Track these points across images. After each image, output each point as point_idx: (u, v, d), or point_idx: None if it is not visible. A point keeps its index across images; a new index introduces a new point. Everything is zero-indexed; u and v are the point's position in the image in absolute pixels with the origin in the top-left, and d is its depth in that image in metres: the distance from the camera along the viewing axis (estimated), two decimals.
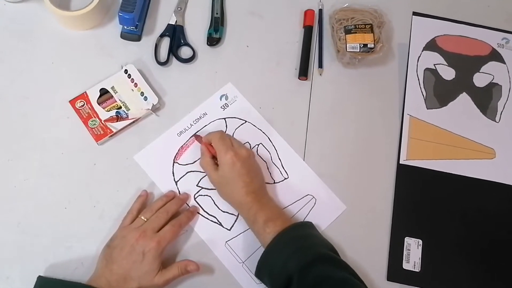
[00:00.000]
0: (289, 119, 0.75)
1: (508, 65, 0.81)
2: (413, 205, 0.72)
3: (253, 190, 0.64)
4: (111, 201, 0.68)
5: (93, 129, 0.70)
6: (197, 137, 0.71)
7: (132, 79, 0.72)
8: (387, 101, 0.77)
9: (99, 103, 0.71)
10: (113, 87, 0.72)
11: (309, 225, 0.66)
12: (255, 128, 0.74)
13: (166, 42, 0.77)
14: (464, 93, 0.79)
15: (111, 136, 0.70)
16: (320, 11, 0.81)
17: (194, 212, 0.68)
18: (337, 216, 0.70)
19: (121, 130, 0.71)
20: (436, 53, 0.80)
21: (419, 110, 0.77)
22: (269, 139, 0.73)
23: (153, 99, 0.71)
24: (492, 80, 0.80)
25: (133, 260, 0.59)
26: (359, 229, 0.70)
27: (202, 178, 0.70)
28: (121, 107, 0.71)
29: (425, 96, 0.78)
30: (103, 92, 0.72)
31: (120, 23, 0.75)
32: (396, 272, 0.68)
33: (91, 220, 0.67)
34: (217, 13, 0.78)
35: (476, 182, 0.74)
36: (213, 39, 0.77)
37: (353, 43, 0.75)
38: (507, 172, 0.75)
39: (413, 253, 0.69)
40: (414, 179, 0.73)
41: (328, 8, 0.81)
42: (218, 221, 0.69)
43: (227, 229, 0.68)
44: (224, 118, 0.74)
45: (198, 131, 0.72)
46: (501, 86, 0.80)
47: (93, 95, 0.71)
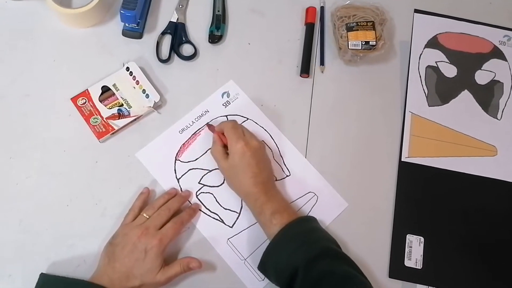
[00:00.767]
0: (291, 116, 0.75)
1: (509, 62, 0.81)
2: (414, 202, 0.72)
3: (261, 181, 0.64)
4: (113, 198, 0.68)
5: (95, 127, 0.70)
6: (210, 126, 0.71)
7: (134, 76, 0.72)
8: (389, 98, 0.77)
9: (100, 101, 0.71)
10: (114, 85, 0.72)
11: (314, 220, 0.66)
12: (257, 125, 0.73)
13: (167, 40, 0.77)
14: (465, 90, 0.79)
15: (113, 133, 0.70)
16: (322, 8, 0.81)
17: (196, 210, 0.68)
18: (339, 213, 0.70)
19: (123, 127, 0.71)
20: (437, 51, 0.80)
21: (421, 107, 0.77)
22: (270, 136, 0.73)
23: (154, 96, 0.71)
24: (494, 77, 0.80)
25: (135, 257, 0.59)
26: (361, 226, 0.70)
27: (204, 175, 0.70)
28: (122, 105, 0.71)
29: (426, 93, 0.78)
30: (105, 89, 0.72)
31: (122, 21, 0.75)
32: (398, 269, 0.68)
33: (93, 218, 0.67)
34: (218, 11, 0.78)
35: (478, 179, 0.74)
36: (215, 37, 0.77)
37: (355, 40, 0.75)
38: (509, 170, 0.75)
39: (414, 250, 0.69)
40: (415, 177, 0.73)
41: (330, 5, 0.81)
42: (220, 218, 0.69)
43: (229, 226, 0.68)
44: (226, 116, 0.74)
45: (200, 128, 0.72)
46: (502, 83, 0.80)
47: (95, 93, 0.71)
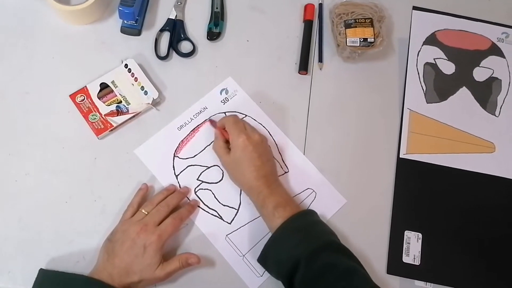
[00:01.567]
0: (289, 113, 0.75)
1: (508, 59, 0.81)
2: (413, 198, 0.72)
3: (264, 175, 0.64)
4: (112, 195, 0.68)
5: (94, 124, 0.70)
6: (212, 122, 0.72)
7: (133, 73, 0.73)
8: (387, 95, 0.78)
9: (99, 98, 0.71)
10: (113, 82, 0.72)
11: (315, 214, 0.66)
12: (255, 122, 0.74)
13: (166, 37, 0.77)
14: (464, 87, 0.79)
15: (111, 130, 0.70)
16: (320, 5, 0.81)
17: (194, 206, 0.68)
18: (337, 210, 0.70)
19: (121, 124, 0.71)
20: (436, 48, 0.81)
21: (419, 104, 0.77)
22: (269, 133, 0.73)
23: (153, 93, 0.72)
24: (492, 74, 0.80)
25: (134, 253, 0.60)
26: (359, 222, 0.70)
27: (203, 172, 0.70)
28: (121, 102, 0.71)
29: (425, 90, 0.78)
30: (103, 86, 0.72)
31: (120, 18, 0.75)
32: (396, 266, 0.68)
33: (92, 214, 0.68)
34: (217, 8, 0.78)
35: (476, 176, 0.74)
36: (213, 34, 0.77)
37: (353, 37, 0.75)
38: (507, 166, 0.75)
39: (413, 246, 0.69)
40: (414, 173, 0.73)
41: (328, 2, 0.81)
42: (219, 214, 0.69)
43: (227, 222, 0.68)
44: (225, 112, 0.74)
45: (199, 125, 0.73)
46: (500, 80, 0.80)
47: (94, 90, 0.71)
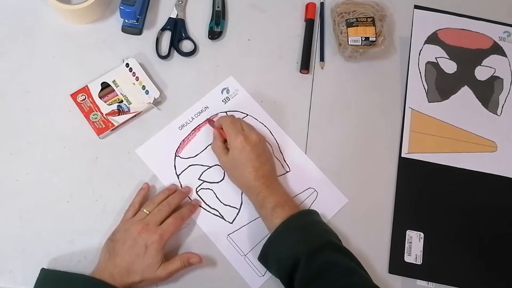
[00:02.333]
0: (291, 112, 0.75)
1: (509, 58, 0.81)
2: (414, 198, 0.72)
3: (263, 175, 0.64)
4: (113, 194, 0.68)
5: (95, 123, 0.70)
6: (210, 121, 0.71)
7: (134, 72, 0.72)
8: (389, 94, 0.77)
9: (100, 97, 0.71)
10: (114, 81, 0.72)
11: (316, 213, 0.66)
12: (257, 121, 0.73)
13: (167, 36, 0.77)
14: (465, 86, 0.79)
15: (112, 130, 0.70)
16: (322, 4, 0.81)
17: (196, 205, 0.68)
18: (339, 209, 0.70)
19: (122, 124, 0.71)
20: (437, 47, 0.80)
21: (421, 103, 0.77)
22: (270, 132, 0.73)
23: (154, 92, 0.71)
24: (494, 73, 0.80)
25: (136, 253, 0.60)
26: (361, 222, 0.70)
27: (204, 171, 0.70)
28: (122, 101, 0.71)
29: (426, 89, 0.78)
30: (105, 86, 0.72)
31: (121, 17, 0.74)
32: (398, 265, 0.68)
33: (94, 214, 0.67)
34: (218, 7, 0.78)
35: (478, 175, 0.74)
36: (215, 33, 0.77)
37: (354, 36, 0.74)
38: (509, 165, 0.75)
39: (414, 246, 0.69)
40: (415, 172, 0.73)
41: (330, 1, 0.81)
42: (220, 214, 0.69)
43: (229, 222, 0.68)
44: (226, 112, 0.74)
45: (200, 124, 0.72)
46: (502, 79, 0.80)
47: (95, 89, 0.71)
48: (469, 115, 0.77)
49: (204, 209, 0.69)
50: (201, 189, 0.70)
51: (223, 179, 0.70)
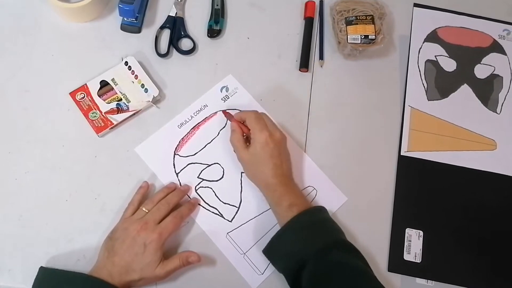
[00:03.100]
0: (290, 111, 0.75)
1: (509, 56, 0.81)
2: (414, 196, 0.72)
3: (281, 173, 0.64)
4: (112, 193, 0.68)
5: (94, 121, 0.70)
6: (226, 113, 0.71)
7: (133, 71, 0.72)
8: (388, 92, 0.77)
9: (99, 95, 0.71)
10: (113, 79, 0.72)
11: (325, 210, 0.66)
12: None
13: (166, 34, 0.77)
14: (465, 84, 0.78)
15: (111, 128, 0.70)
16: (321, 2, 0.81)
17: (195, 204, 0.68)
18: (338, 207, 0.70)
19: (121, 122, 0.70)
20: (437, 45, 0.80)
21: (420, 101, 0.77)
22: None
23: (153, 91, 0.71)
24: (493, 71, 0.80)
25: (134, 252, 0.59)
26: (360, 220, 0.70)
27: (203, 170, 0.70)
28: (121, 99, 0.71)
29: (426, 87, 0.78)
30: (104, 84, 0.72)
31: (120, 15, 0.74)
32: (397, 263, 0.68)
33: (93, 212, 0.67)
34: (217, 5, 0.78)
35: (477, 173, 0.74)
36: (214, 31, 0.77)
37: (354, 34, 0.74)
38: (508, 163, 0.75)
39: (414, 244, 0.69)
40: (415, 171, 0.73)
41: None
42: (219, 212, 0.69)
43: (228, 220, 0.68)
44: (228, 110, 0.73)
45: (199, 123, 0.72)
46: (502, 77, 0.79)
47: (94, 87, 0.71)
48: (469, 113, 0.77)
49: (203, 207, 0.69)
50: (200, 187, 0.70)
51: (222, 177, 0.70)
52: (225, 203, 0.69)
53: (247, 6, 0.80)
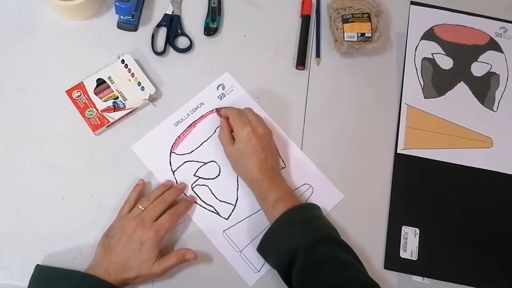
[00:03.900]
0: (287, 108, 0.75)
1: (506, 54, 0.81)
2: (410, 194, 0.72)
3: (267, 168, 0.64)
4: (109, 191, 0.68)
5: (90, 119, 0.70)
6: (218, 111, 0.72)
7: (129, 69, 0.72)
8: (385, 90, 0.77)
9: (96, 93, 0.71)
10: (110, 77, 0.72)
11: (317, 208, 0.66)
12: None
13: (163, 32, 0.77)
14: (462, 82, 0.78)
15: (108, 126, 0.70)
16: (318, 0, 0.81)
17: (191, 202, 0.68)
18: (334, 205, 0.70)
19: (118, 120, 0.70)
20: (434, 43, 0.80)
21: (417, 99, 0.77)
22: None
23: (150, 89, 0.71)
24: (490, 69, 0.80)
25: (131, 249, 0.60)
26: (357, 217, 0.70)
27: (200, 168, 0.70)
28: (118, 97, 0.71)
29: (422, 85, 0.78)
30: (100, 82, 0.72)
31: (117, 13, 0.74)
32: (393, 261, 0.68)
33: (89, 210, 0.67)
34: (214, 3, 0.78)
35: (474, 171, 0.74)
36: (210, 29, 0.77)
37: (350, 32, 0.74)
38: (505, 161, 0.75)
39: (410, 241, 0.69)
40: (411, 168, 0.73)
41: None
42: (216, 210, 0.69)
43: (224, 218, 0.68)
44: (224, 108, 0.73)
45: (196, 121, 0.72)
46: (499, 75, 0.79)
47: (90, 85, 0.71)
48: (465, 111, 0.77)
49: (199, 205, 0.69)
50: (197, 185, 0.70)
51: (218, 175, 0.70)
52: (221, 201, 0.69)
53: (243, 4, 0.80)
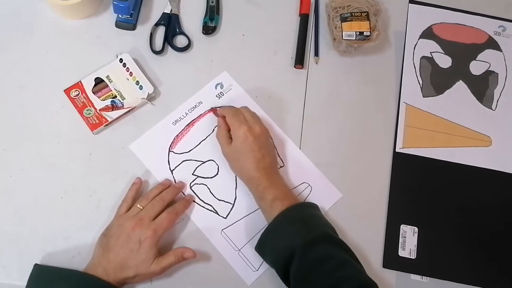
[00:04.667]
0: (285, 107, 0.75)
1: (504, 53, 0.81)
2: (409, 192, 0.72)
3: (264, 167, 0.64)
4: (108, 190, 0.68)
5: (88, 118, 0.70)
6: (214, 111, 0.72)
7: (127, 68, 0.72)
8: (383, 89, 0.77)
9: (94, 92, 0.71)
10: (108, 76, 0.72)
11: (315, 207, 0.66)
12: None
13: (161, 31, 0.77)
14: (460, 81, 0.78)
15: (106, 125, 0.70)
16: None
17: (190, 201, 0.68)
18: (333, 204, 0.70)
19: (116, 119, 0.70)
20: (432, 41, 0.80)
21: (415, 98, 0.77)
22: None
23: (148, 88, 0.71)
24: (489, 68, 0.80)
25: (129, 248, 0.60)
26: (355, 216, 0.70)
27: (198, 166, 0.70)
28: (116, 96, 0.71)
29: (421, 84, 0.78)
30: (98, 81, 0.72)
31: (115, 12, 0.74)
32: (392, 259, 0.68)
33: (88, 209, 0.67)
34: (212, 2, 0.78)
35: (472, 169, 0.74)
36: (209, 28, 0.77)
37: (349, 31, 0.74)
38: (503, 160, 0.75)
39: (408, 240, 0.69)
40: (410, 167, 0.73)
41: None
42: (214, 209, 0.69)
43: (223, 217, 0.68)
44: (220, 107, 0.73)
45: (194, 119, 0.72)
46: (497, 74, 0.79)
47: (88, 84, 0.71)
48: (464, 109, 0.77)
49: (198, 204, 0.69)
50: (195, 184, 0.70)
51: (217, 174, 0.70)
52: (220, 200, 0.69)
53: (242, 3, 0.80)
